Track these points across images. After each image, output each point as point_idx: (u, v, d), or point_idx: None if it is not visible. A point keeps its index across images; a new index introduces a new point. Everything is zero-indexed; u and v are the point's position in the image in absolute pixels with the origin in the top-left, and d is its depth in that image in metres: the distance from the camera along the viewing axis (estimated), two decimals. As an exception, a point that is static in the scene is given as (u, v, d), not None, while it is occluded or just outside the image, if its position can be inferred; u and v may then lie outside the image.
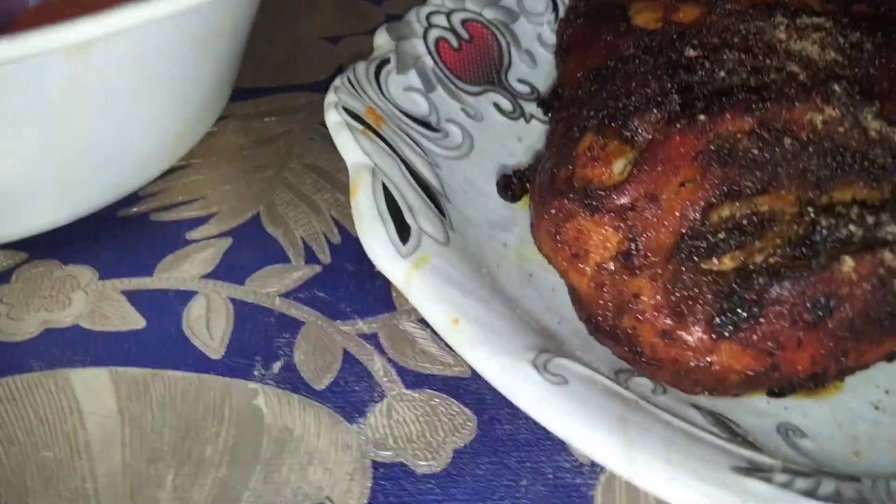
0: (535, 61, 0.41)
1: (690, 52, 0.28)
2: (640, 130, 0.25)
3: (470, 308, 0.23)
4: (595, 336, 0.25)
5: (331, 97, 0.31)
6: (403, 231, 0.26)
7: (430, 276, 0.24)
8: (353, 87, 0.32)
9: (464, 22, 0.40)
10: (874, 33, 0.31)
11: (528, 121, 0.38)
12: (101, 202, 0.31)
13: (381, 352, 0.28)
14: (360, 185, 0.27)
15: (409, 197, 0.28)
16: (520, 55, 0.41)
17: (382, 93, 0.33)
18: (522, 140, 0.37)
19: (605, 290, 0.24)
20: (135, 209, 0.33)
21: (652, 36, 0.32)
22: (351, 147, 0.29)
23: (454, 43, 0.39)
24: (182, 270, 0.30)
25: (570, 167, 0.25)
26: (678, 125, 0.24)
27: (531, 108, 0.39)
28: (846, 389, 0.26)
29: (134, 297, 0.29)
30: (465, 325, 0.22)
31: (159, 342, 0.27)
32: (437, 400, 0.26)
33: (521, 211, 0.32)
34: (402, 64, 0.35)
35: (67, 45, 0.21)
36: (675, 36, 0.30)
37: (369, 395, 0.26)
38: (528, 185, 0.30)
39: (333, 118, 0.30)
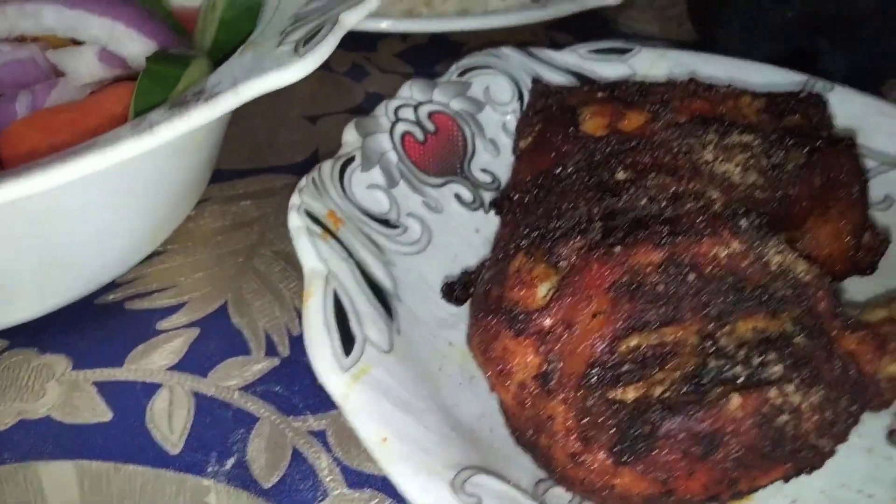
0: (498, 150, 0.43)
1: (620, 175, 0.30)
2: (563, 256, 0.27)
3: (401, 424, 0.25)
4: (519, 447, 0.27)
5: (294, 199, 0.33)
6: (348, 341, 0.28)
7: (368, 390, 0.26)
8: (317, 187, 0.34)
9: (430, 114, 0.42)
10: (799, 149, 0.33)
11: (486, 211, 0.40)
12: (78, 294, 0.34)
13: (328, 450, 0.30)
14: (313, 294, 0.29)
15: (359, 303, 0.30)
16: (484, 144, 0.43)
17: (345, 193, 0.35)
18: (480, 231, 0.39)
19: (525, 407, 0.26)
20: (111, 297, 0.35)
21: (596, 143, 0.35)
22: (308, 252, 0.31)
23: (420, 136, 0.41)
24: (150, 361, 0.33)
25: (501, 287, 0.27)
26: (596, 254, 0.26)
27: (490, 197, 0.41)
28: (756, 499, 0.28)
29: (104, 388, 0.31)
30: (393, 442, 0.24)
31: (123, 435, 0.30)
32: (377, 500, 0.28)
33: (468, 309, 0.34)
34: (366, 161, 0.38)
35: (41, 190, 0.23)
36: (611, 151, 0.33)
37: (313, 494, 0.28)
38: (470, 291, 0.32)
39: (295, 222, 0.32)
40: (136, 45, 0.33)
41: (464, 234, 0.39)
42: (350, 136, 0.39)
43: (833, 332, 0.27)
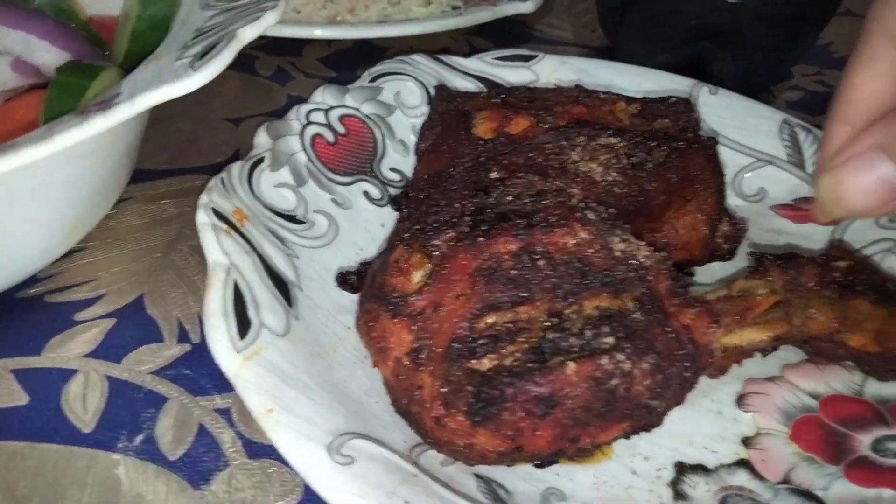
0: (407, 150, 0.47)
1: (494, 175, 0.34)
2: (436, 247, 0.30)
3: (287, 397, 0.28)
4: (398, 415, 0.30)
5: (203, 198, 0.36)
6: (245, 326, 0.31)
7: (258, 368, 0.29)
8: (225, 187, 0.37)
9: (342, 117, 0.45)
10: (659, 150, 0.37)
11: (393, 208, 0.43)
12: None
13: (231, 425, 0.33)
14: (213, 285, 0.32)
15: (258, 292, 0.33)
16: (394, 145, 0.47)
17: (253, 191, 0.38)
18: (385, 226, 0.42)
19: (400, 380, 0.29)
20: (31, 291, 0.38)
21: (485, 145, 0.38)
22: (212, 247, 0.34)
23: (330, 138, 0.44)
24: (67, 349, 0.35)
25: (383, 275, 0.31)
26: (462, 245, 0.30)
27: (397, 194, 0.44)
28: (613, 456, 0.32)
29: (21, 374, 0.34)
30: (278, 413, 0.28)
31: (39, 417, 0.32)
32: (273, 468, 0.31)
33: (366, 296, 0.37)
34: (276, 162, 0.41)
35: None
36: (492, 153, 0.36)
37: (215, 465, 0.31)
38: (364, 280, 0.35)
39: (201, 219, 0.35)
40: (49, 56, 0.35)
41: (370, 228, 0.42)
42: (261, 139, 0.42)
43: (671, 308, 0.31)
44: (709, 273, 0.40)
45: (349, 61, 0.61)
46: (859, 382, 0.36)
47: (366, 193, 0.44)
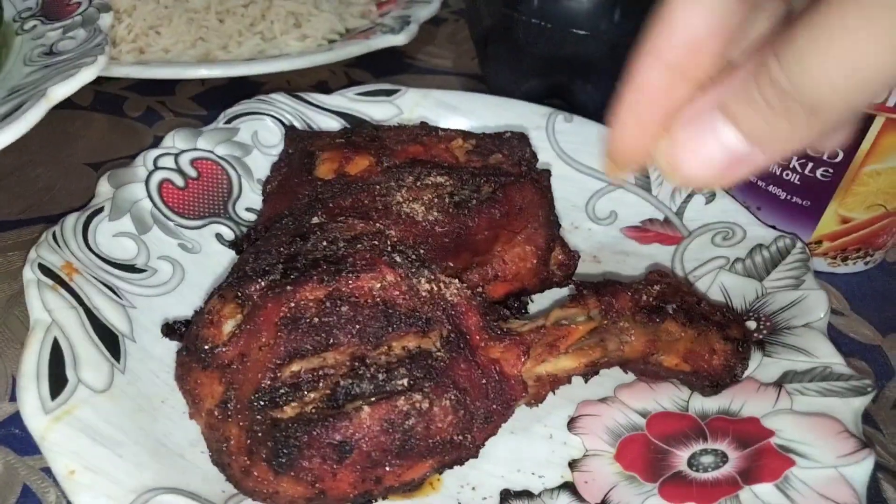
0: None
1: (314, 220, 0.34)
2: (249, 296, 0.31)
3: (93, 457, 0.29)
4: (215, 466, 0.31)
5: (31, 254, 0.36)
6: (59, 385, 0.31)
7: (67, 428, 0.29)
8: (56, 241, 0.37)
9: (193, 161, 0.46)
10: (489, 185, 0.38)
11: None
12: None
13: (56, 484, 0.32)
14: (30, 344, 0.32)
15: (80, 349, 0.33)
16: (251, 185, 0.47)
17: (87, 243, 0.38)
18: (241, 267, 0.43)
19: (212, 431, 0.30)
20: None
21: (322, 187, 0.39)
22: (35, 304, 0.34)
23: (180, 182, 0.44)
24: None
25: (198, 326, 0.31)
26: (271, 293, 0.30)
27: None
28: (441, 488, 0.33)
29: None
30: (80, 474, 0.28)
31: None
32: (97, 525, 0.31)
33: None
34: (116, 211, 0.41)
35: None
36: (321, 196, 0.37)
37: (37, 527, 0.31)
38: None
39: (27, 275, 0.35)
40: None
41: (220, 271, 0.42)
42: (103, 188, 0.42)
43: (480, 343, 0.32)
44: (553, 300, 0.42)
45: (224, 98, 0.61)
46: (685, 398, 0.38)
47: (218, 235, 0.44)
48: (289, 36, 0.66)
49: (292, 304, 0.30)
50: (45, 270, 0.35)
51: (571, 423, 0.37)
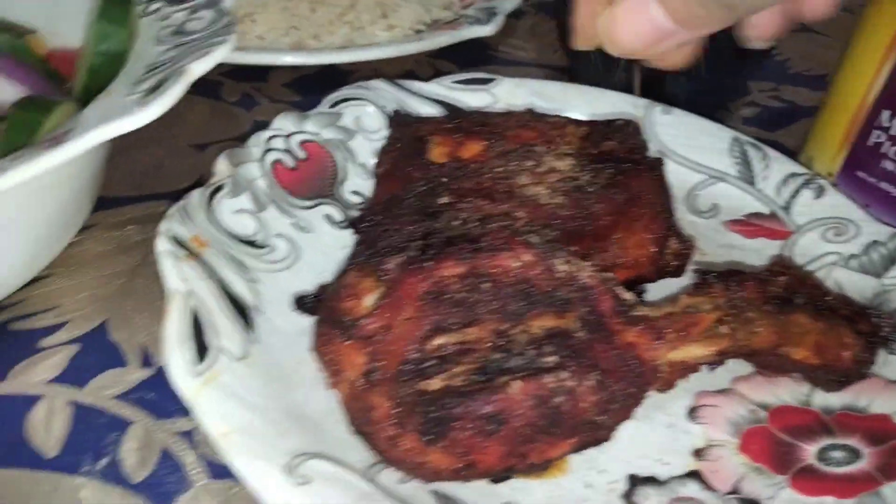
0: (369, 173, 0.47)
1: (443, 199, 0.35)
2: (387, 271, 0.31)
3: (243, 420, 0.29)
4: (355, 435, 0.31)
5: (162, 226, 0.37)
6: (202, 351, 0.32)
7: (215, 392, 0.30)
8: (184, 214, 0.38)
9: (302, 143, 0.46)
10: (604, 172, 0.38)
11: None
12: (-38, 317, 0.36)
13: (195, 447, 0.33)
14: (170, 312, 0.33)
15: (216, 318, 0.34)
16: (355, 168, 0.48)
17: (212, 218, 0.39)
18: (346, 248, 0.43)
19: (355, 400, 0.30)
20: (-6, 320, 0.38)
21: (437, 169, 0.40)
22: (170, 274, 0.34)
23: (290, 163, 0.45)
24: (31, 375, 0.36)
25: (336, 299, 0.32)
26: (411, 269, 0.31)
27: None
28: (568, 471, 0.33)
29: (-16, 402, 0.34)
30: (234, 436, 0.28)
31: (1, 444, 0.33)
32: (236, 489, 0.32)
33: (326, 319, 0.38)
34: (235, 188, 0.41)
35: None
36: (443, 178, 0.37)
37: (179, 486, 0.32)
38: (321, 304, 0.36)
39: (160, 246, 0.36)
40: (5, 92, 0.36)
41: (331, 251, 0.43)
42: (221, 166, 0.43)
43: (615, 326, 0.32)
44: (663, 290, 0.42)
45: (314, 85, 0.62)
46: (806, 393, 0.37)
47: (327, 216, 0.45)
48: (376, 26, 0.66)
49: (434, 280, 0.30)
50: (176, 243, 0.36)
51: (693, 413, 0.37)
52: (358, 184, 0.47)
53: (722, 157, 0.51)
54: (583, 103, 0.53)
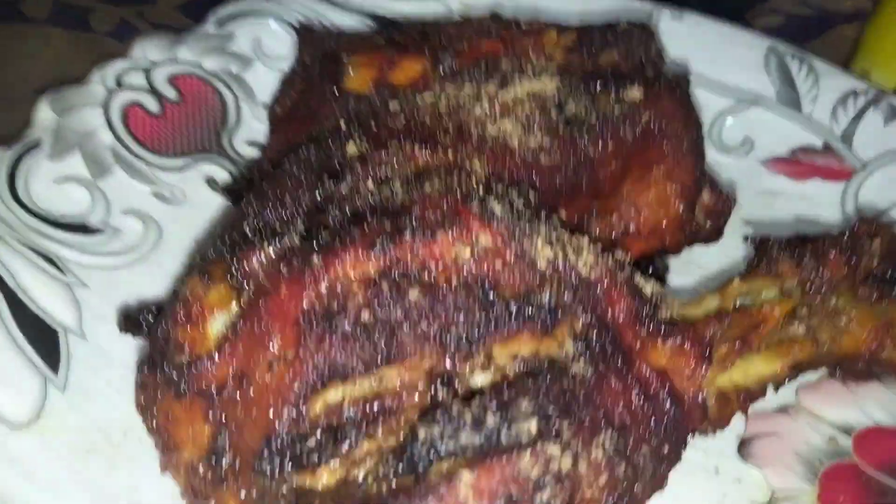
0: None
1: (351, 148, 0.22)
2: (249, 272, 0.18)
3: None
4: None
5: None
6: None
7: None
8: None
9: (172, 77, 0.33)
10: (607, 96, 0.25)
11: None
12: None
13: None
14: None
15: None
16: (253, 110, 0.35)
17: (14, 194, 0.26)
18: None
19: (196, 496, 0.18)
20: None
21: (359, 103, 0.27)
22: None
23: (153, 107, 0.32)
24: None
25: (168, 322, 0.19)
26: (286, 269, 0.18)
27: (259, 178, 0.32)
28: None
29: None
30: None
31: None
32: None
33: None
34: (59, 145, 0.29)
35: None
36: (359, 116, 0.24)
37: None
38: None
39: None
40: None
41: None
42: (43, 114, 0.30)
43: (635, 342, 0.19)
44: (689, 264, 0.29)
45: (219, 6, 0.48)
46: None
47: (209, 180, 0.32)
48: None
49: (323, 288, 0.17)
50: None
51: (744, 448, 0.25)
52: (258, 130, 0.35)
53: (755, 73, 0.39)
54: (563, 5, 0.40)
